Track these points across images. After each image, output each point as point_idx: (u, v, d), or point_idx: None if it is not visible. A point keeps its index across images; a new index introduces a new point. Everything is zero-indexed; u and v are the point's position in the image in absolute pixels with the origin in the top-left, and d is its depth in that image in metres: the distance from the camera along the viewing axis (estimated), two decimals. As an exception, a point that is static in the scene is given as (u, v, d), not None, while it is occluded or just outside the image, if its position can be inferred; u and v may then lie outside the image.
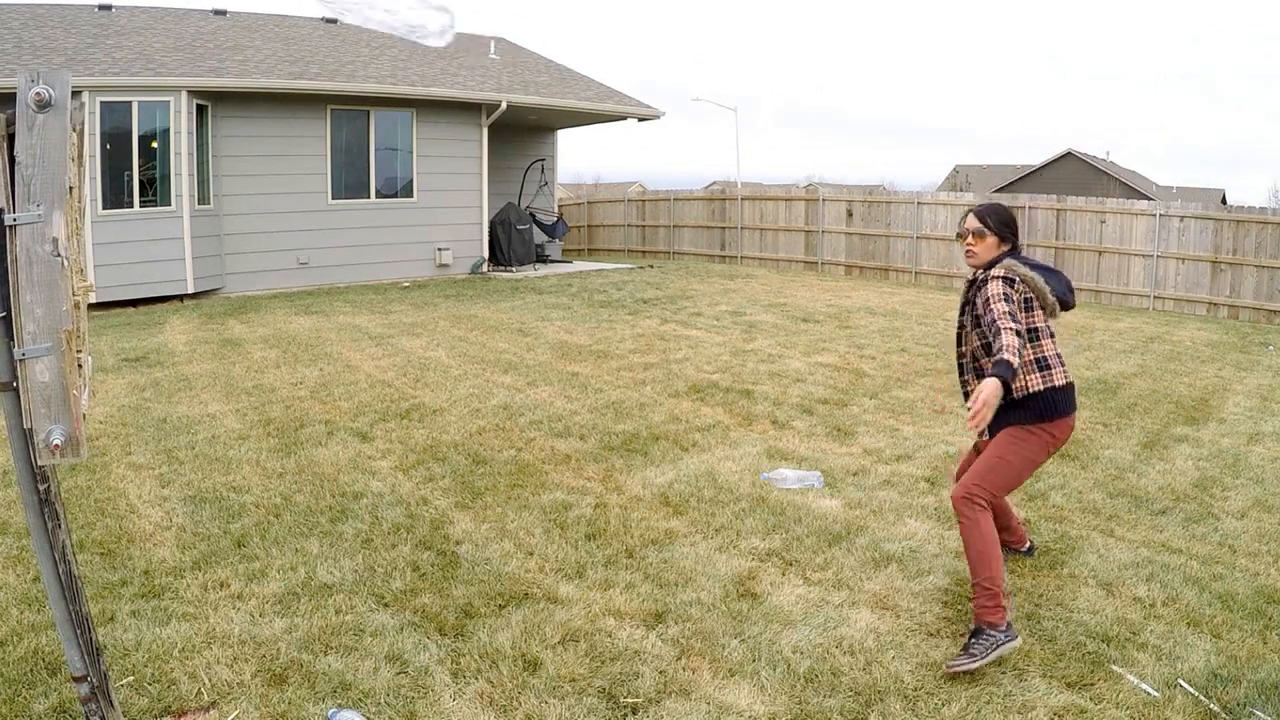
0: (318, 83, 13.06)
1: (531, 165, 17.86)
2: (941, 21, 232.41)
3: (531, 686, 2.81)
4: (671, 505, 4.43)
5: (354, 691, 2.76)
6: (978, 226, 3.22)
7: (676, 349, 8.57)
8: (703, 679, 2.87)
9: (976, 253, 3.23)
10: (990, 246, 3.21)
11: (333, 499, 4.47)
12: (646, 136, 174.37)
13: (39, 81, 1.74)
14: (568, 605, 3.35)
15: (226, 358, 8.07)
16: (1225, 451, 5.51)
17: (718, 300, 12.12)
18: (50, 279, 1.77)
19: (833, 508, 4.41)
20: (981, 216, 3.23)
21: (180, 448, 5.29)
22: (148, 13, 15.02)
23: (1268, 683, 2.83)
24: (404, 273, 14.57)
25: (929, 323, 10.63)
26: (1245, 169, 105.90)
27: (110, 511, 4.26)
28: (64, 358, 1.80)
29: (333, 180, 13.81)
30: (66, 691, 2.66)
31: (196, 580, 3.51)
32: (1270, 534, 4.14)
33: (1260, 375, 8.11)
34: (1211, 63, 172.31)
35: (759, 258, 18.33)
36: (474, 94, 14.59)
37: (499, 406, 6.31)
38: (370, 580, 3.55)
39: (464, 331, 9.50)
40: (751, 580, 3.58)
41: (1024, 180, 40.22)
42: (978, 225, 3.22)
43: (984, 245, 3.22)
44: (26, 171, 1.75)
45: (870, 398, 6.74)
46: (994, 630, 2.90)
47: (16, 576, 3.53)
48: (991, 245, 3.21)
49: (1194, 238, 12.79)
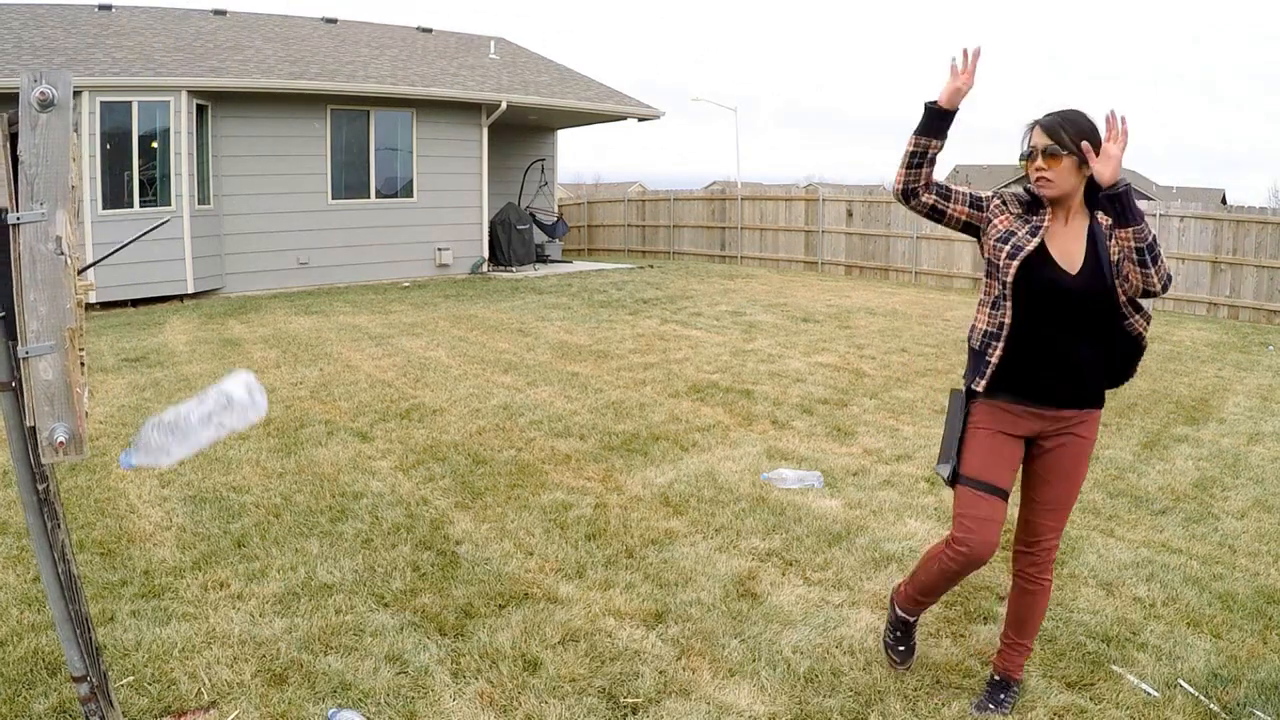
0: (318, 83, 13.07)
1: (531, 165, 17.86)
2: (941, 21, 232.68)
3: (531, 686, 2.81)
4: (671, 505, 4.43)
5: (354, 691, 2.76)
6: (1049, 144, 2.39)
7: (676, 349, 8.58)
8: (703, 679, 2.87)
9: (1052, 180, 2.41)
10: (1069, 170, 2.39)
11: (333, 499, 4.47)
12: (646, 136, 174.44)
13: (42, 81, 1.74)
14: (568, 605, 3.35)
15: (226, 358, 8.06)
16: (1225, 451, 5.51)
17: (718, 300, 12.12)
18: (54, 277, 1.77)
19: (833, 508, 4.41)
20: (1052, 130, 2.39)
21: (180, 447, 5.29)
22: (148, 13, 15.02)
23: (1268, 683, 2.83)
24: (404, 273, 14.57)
25: (929, 323, 10.63)
26: (1245, 169, 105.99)
27: (110, 511, 4.26)
28: (68, 355, 1.80)
29: (333, 180, 13.81)
30: (66, 691, 2.66)
31: (196, 580, 3.51)
32: (1270, 534, 4.14)
33: (1260, 375, 8.11)
34: (1211, 63, 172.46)
35: (759, 258, 18.33)
36: (474, 94, 14.60)
37: (499, 406, 6.31)
38: (370, 580, 3.55)
39: (464, 331, 9.50)
40: (751, 580, 3.58)
41: (1024, 180, 40.14)
42: (1048, 143, 2.39)
43: (1060, 169, 2.40)
44: (30, 170, 1.76)
45: (870, 398, 6.74)
46: (1017, 684, 2.78)
47: (16, 576, 3.53)
48: (1070, 168, 2.39)
49: (1194, 238, 12.79)
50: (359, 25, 17.85)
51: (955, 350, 8.76)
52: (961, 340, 9.22)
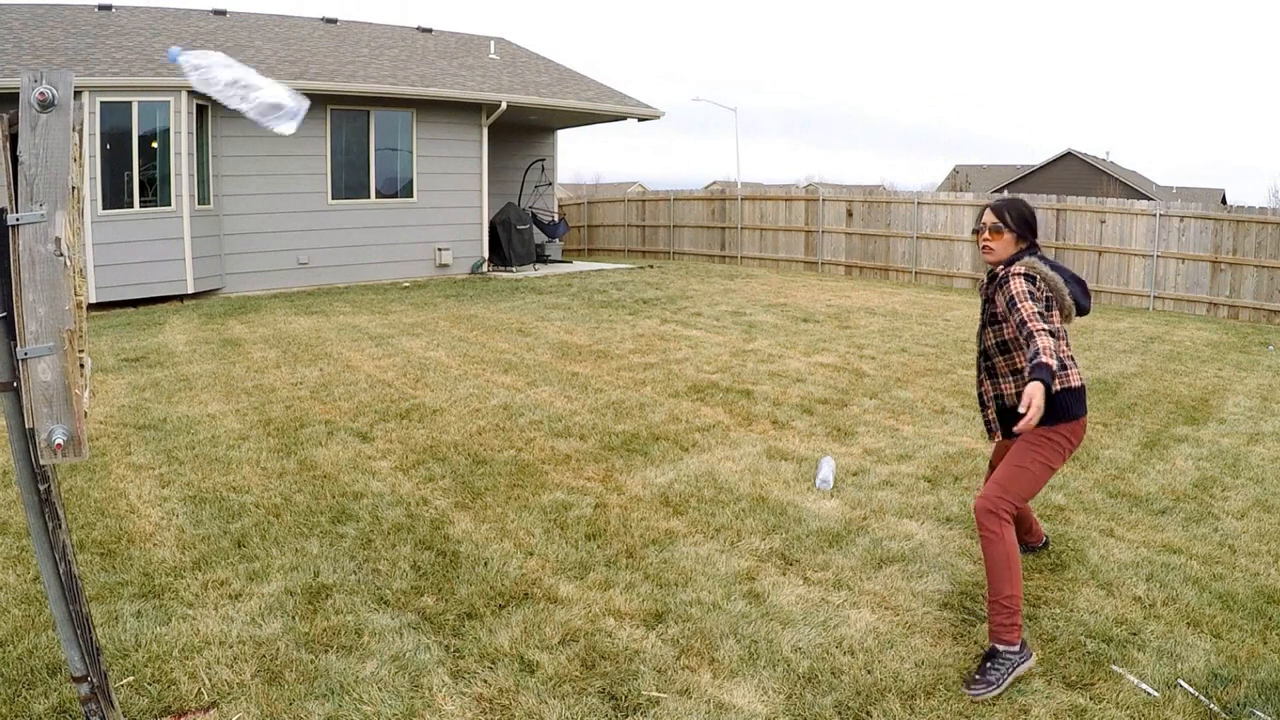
0: (318, 83, 13.06)
1: (531, 165, 17.86)
2: (942, 21, 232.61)
3: (531, 687, 2.81)
4: (671, 505, 4.43)
5: (354, 692, 2.76)
6: (994, 222, 3.14)
7: (676, 349, 8.58)
8: (703, 679, 2.87)
9: (994, 249, 3.15)
10: (1008, 243, 3.13)
11: (333, 499, 4.47)
12: (647, 136, 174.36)
13: (42, 81, 1.74)
14: (568, 605, 3.35)
15: (226, 358, 8.07)
16: (1225, 451, 5.51)
17: (718, 300, 12.12)
18: (53, 279, 1.77)
19: (833, 508, 4.41)
20: (999, 212, 3.15)
21: (180, 448, 5.29)
22: (148, 13, 15.02)
23: (1268, 683, 2.83)
24: (404, 273, 14.57)
25: (929, 323, 10.63)
26: (1245, 169, 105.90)
27: (110, 512, 4.26)
28: (66, 357, 1.80)
29: (333, 180, 13.81)
30: (66, 691, 2.67)
31: (196, 580, 3.51)
32: (1270, 534, 4.14)
33: (1260, 375, 8.11)
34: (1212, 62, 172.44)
35: (759, 258, 18.33)
36: (474, 94, 14.60)
37: (499, 406, 6.31)
38: (370, 580, 3.55)
39: (464, 331, 9.50)
40: (751, 580, 3.58)
41: (1024, 180, 40.23)
42: (994, 221, 3.14)
43: (1001, 242, 3.14)
44: (29, 171, 1.76)
45: (870, 398, 6.74)
46: (1009, 651, 2.83)
47: (16, 576, 3.53)
48: (1009, 242, 3.13)
49: (1194, 238, 12.79)
50: (359, 25, 17.85)
51: (955, 350, 8.76)
52: (961, 340, 9.22)
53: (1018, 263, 3.10)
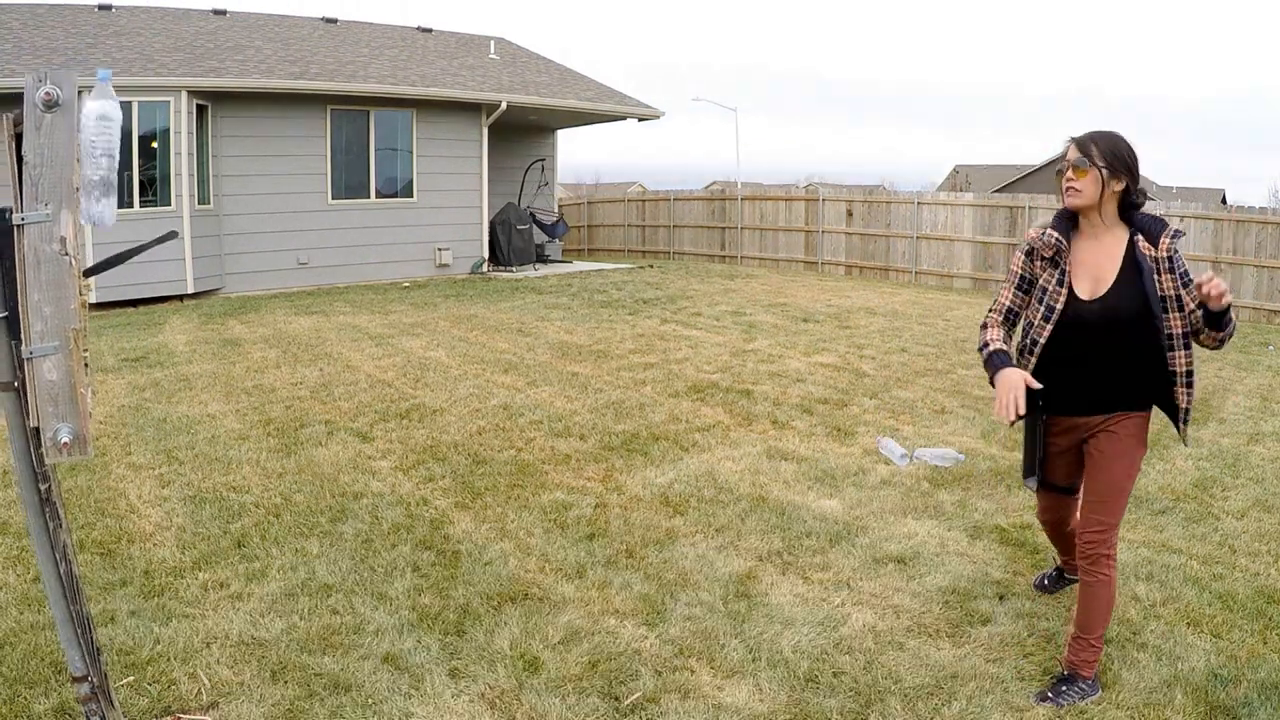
0: (318, 83, 13.06)
1: (531, 165, 17.87)
2: (940, 21, 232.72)
3: (531, 686, 2.81)
4: (671, 505, 4.43)
5: (353, 691, 2.76)
6: (1079, 158, 2.67)
7: (676, 349, 8.58)
8: (702, 679, 2.88)
9: (1079, 190, 2.67)
10: (1093, 182, 2.65)
11: (333, 499, 4.47)
12: (647, 136, 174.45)
13: (47, 81, 1.75)
14: (568, 605, 3.35)
15: (226, 358, 8.07)
16: (1225, 451, 5.51)
17: (718, 300, 12.13)
18: (58, 278, 1.77)
19: (833, 508, 4.41)
20: (1084, 145, 2.67)
21: (180, 448, 5.30)
22: (148, 13, 15.02)
23: (1268, 683, 2.83)
24: (404, 273, 14.57)
25: (929, 323, 10.64)
26: (1245, 169, 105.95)
27: (110, 511, 4.26)
28: (71, 356, 1.81)
29: (333, 180, 13.81)
30: (66, 691, 2.67)
31: (196, 580, 3.52)
32: (1270, 534, 4.15)
33: (1260, 375, 8.12)
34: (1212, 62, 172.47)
35: (759, 258, 18.33)
36: (474, 94, 14.60)
37: (499, 406, 6.32)
38: (370, 580, 3.55)
39: (464, 331, 9.50)
40: (751, 580, 3.59)
41: (1024, 180, 40.23)
42: (1078, 156, 2.67)
43: (1086, 180, 2.66)
44: (34, 171, 1.76)
45: (870, 398, 6.74)
46: (1086, 681, 2.78)
47: (16, 576, 3.53)
48: (1094, 180, 2.65)
49: (1194, 238, 12.79)
50: (359, 25, 17.85)
51: (955, 350, 8.77)
52: (961, 340, 9.23)
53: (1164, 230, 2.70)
